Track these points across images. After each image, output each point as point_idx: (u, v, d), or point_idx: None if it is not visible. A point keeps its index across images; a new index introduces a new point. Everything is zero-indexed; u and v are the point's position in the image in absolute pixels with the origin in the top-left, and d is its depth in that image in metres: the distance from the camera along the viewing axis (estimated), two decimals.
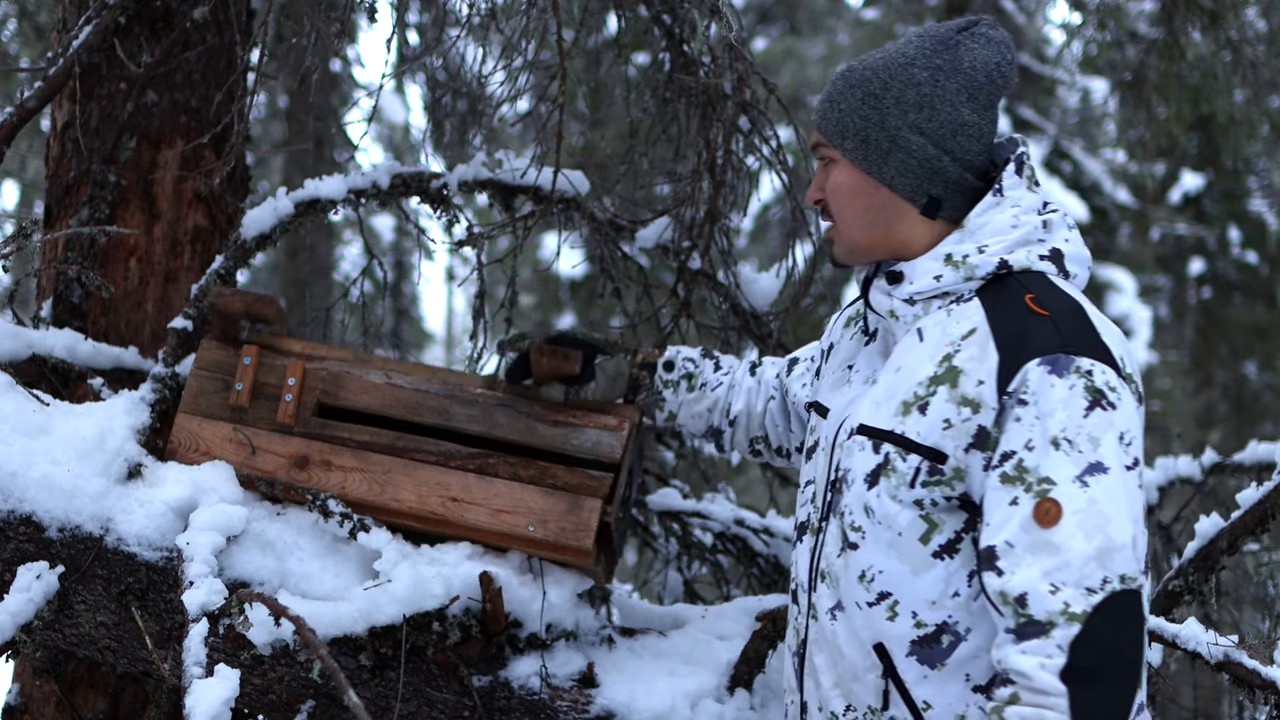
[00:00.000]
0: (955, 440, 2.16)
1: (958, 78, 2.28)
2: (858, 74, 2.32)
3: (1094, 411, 2.09)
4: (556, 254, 3.91)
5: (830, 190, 2.35)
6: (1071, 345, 2.12)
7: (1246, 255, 12.17)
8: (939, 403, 2.18)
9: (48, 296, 3.39)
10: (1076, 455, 2.08)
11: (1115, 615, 2.04)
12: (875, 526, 2.22)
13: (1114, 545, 2.06)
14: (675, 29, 3.68)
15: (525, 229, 3.46)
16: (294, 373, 2.92)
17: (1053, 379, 2.10)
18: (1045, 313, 2.17)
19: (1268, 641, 3.12)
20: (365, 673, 2.77)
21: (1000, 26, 2.36)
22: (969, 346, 2.19)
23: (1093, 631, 2.03)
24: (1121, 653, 2.05)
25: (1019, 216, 2.27)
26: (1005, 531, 2.09)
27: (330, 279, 9.63)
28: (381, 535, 2.82)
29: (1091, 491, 2.07)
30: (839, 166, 2.33)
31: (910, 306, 2.29)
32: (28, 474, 2.77)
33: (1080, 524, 2.05)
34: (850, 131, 2.30)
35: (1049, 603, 2.04)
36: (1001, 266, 2.24)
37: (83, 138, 3.40)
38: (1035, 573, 2.05)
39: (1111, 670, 2.04)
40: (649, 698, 2.83)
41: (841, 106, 2.31)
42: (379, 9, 3.70)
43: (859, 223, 2.33)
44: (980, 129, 2.29)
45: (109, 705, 3.20)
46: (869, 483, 2.23)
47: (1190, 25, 5.22)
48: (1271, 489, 3.12)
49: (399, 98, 9.50)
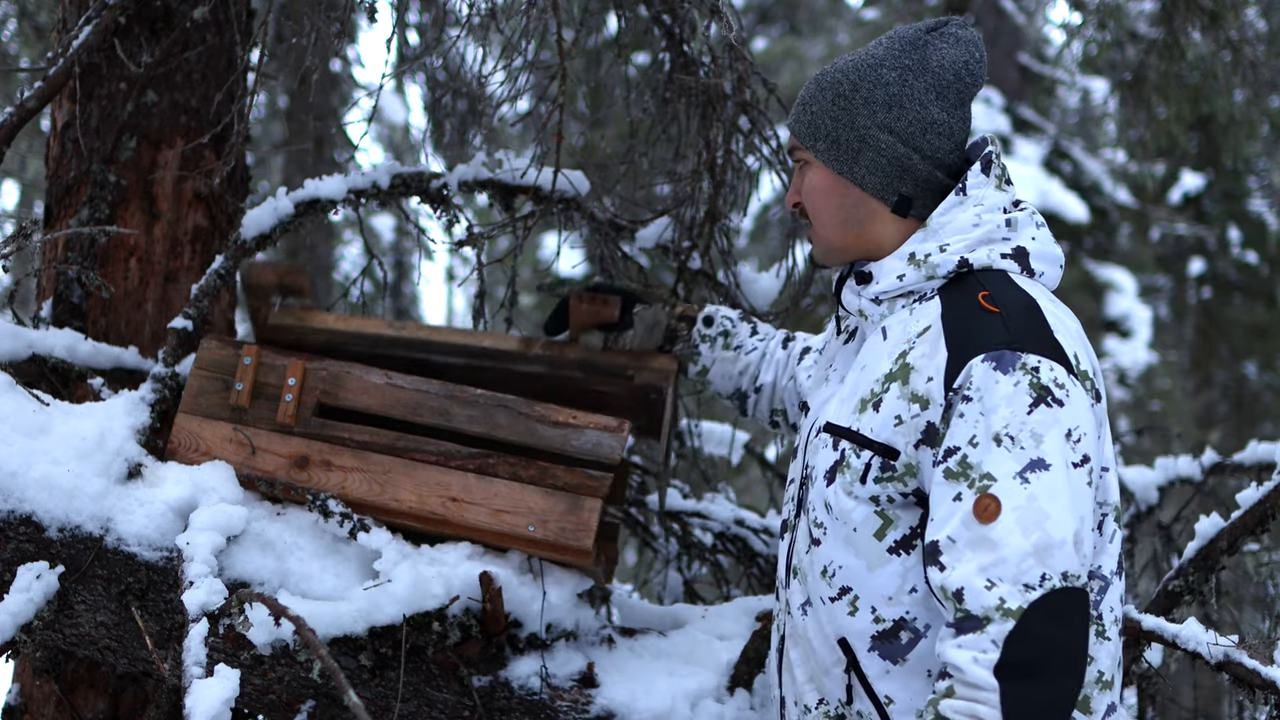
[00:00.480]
0: (906, 436, 2.19)
1: (926, 76, 2.31)
2: (829, 76, 2.36)
3: (1038, 408, 2.10)
4: (556, 254, 3.91)
5: (805, 192, 2.39)
6: (1018, 342, 2.14)
7: (1246, 255, 12.17)
8: (890, 399, 2.21)
9: (48, 296, 3.39)
10: (1018, 452, 2.09)
11: (1053, 612, 2.05)
12: (834, 522, 2.25)
13: (1052, 542, 2.06)
14: (675, 29, 3.68)
15: (525, 229, 3.46)
16: (294, 373, 2.92)
17: (997, 375, 2.12)
18: (996, 310, 2.19)
19: (1268, 641, 3.12)
20: (365, 673, 2.77)
21: (970, 26, 2.38)
22: (922, 344, 2.22)
23: (1028, 628, 2.04)
24: (1059, 650, 2.06)
25: (981, 215, 2.29)
26: (948, 527, 2.11)
27: (330, 279, 9.63)
28: (381, 535, 2.82)
29: (1032, 488, 2.08)
30: (812, 168, 2.37)
31: (877, 306, 2.33)
32: (28, 474, 2.77)
33: (1019, 520, 2.06)
34: (821, 133, 2.34)
35: (985, 598, 2.05)
36: (962, 265, 2.26)
37: (83, 138, 3.40)
38: (972, 568, 2.07)
39: (1048, 667, 2.04)
40: (649, 698, 2.83)
41: (813, 109, 2.35)
42: (379, 9, 3.69)
43: (833, 223, 2.37)
44: (950, 127, 2.32)
45: (109, 705, 3.20)
46: (828, 479, 2.27)
47: (1190, 25, 5.21)
48: (1271, 489, 3.12)
49: (399, 98, 9.49)
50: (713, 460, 4.31)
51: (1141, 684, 3.33)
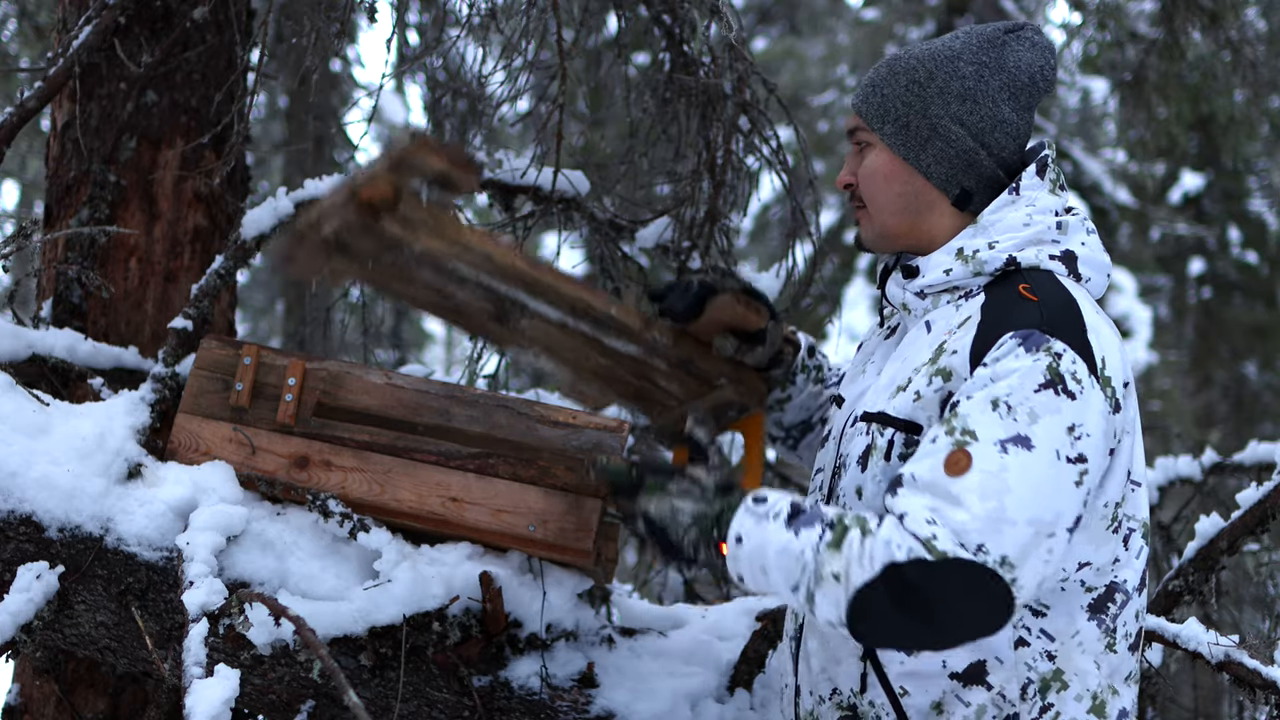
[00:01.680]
0: (926, 410, 2.19)
1: (1002, 75, 2.31)
2: (903, 62, 2.34)
3: (1046, 391, 2.09)
4: (556, 254, 3.91)
5: (864, 174, 2.36)
6: (1049, 327, 2.14)
7: (1246, 255, 12.17)
8: (918, 379, 2.22)
9: (48, 296, 3.39)
10: (1008, 422, 2.07)
11: (970, 583, 2.03)
12: (861, 509, 2.24)
13: (1005, 518, 2.03)
14: (675, 29, 3.68)
15: (525, 229, 3.46)
16: (294, 373, 2.92)
17: (1019, 350, 2.12)
18: (1035, 298, 2.19)
19: (1268, 641, 3.13)
20: (365, 673, 2.77)
21: (1043, 33, 2.38)
22: (960, 332, 2.22)
23: (938, 571, 2.02)
24: (941, 609, 2.04)
25: (1032, 215, 2.29)
26: (916, 464, 2.11)
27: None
28: (381, 535, 2.82)
29: (1006, 459, 2.06)
30: (875, 151, 2.35)
31: (921, 300, 2.33)
32: (28, 474, 2.77)
33: (981, 483, 2.05)
34: (891, 116, 2.32)
35: (921, 529, 2.04)
36: (1010, 263, 2.26)
37: (83, 138, 3.40)
38: (921, 503, 2.06)
39: (921, 610, 2.03)
40: (649, 698, 2.83)
41: (884, 91, 2.33)
42: (379, 9, 3.70)
43: (891, 208, 2.34)
44: (1018, 129, 2.33)
45: (109, 705, 3.20)
46: (861, 465, 2.27)
47: (1190, 25, 5.22)
48: (1271, 489, 3.12)
49: (399, 98, 9.49)
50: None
51: (1142, 684, 3.33)
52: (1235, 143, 6.00)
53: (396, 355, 10.16)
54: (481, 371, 3.68)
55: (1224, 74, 5.37)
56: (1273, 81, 5.53)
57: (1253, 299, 12.15)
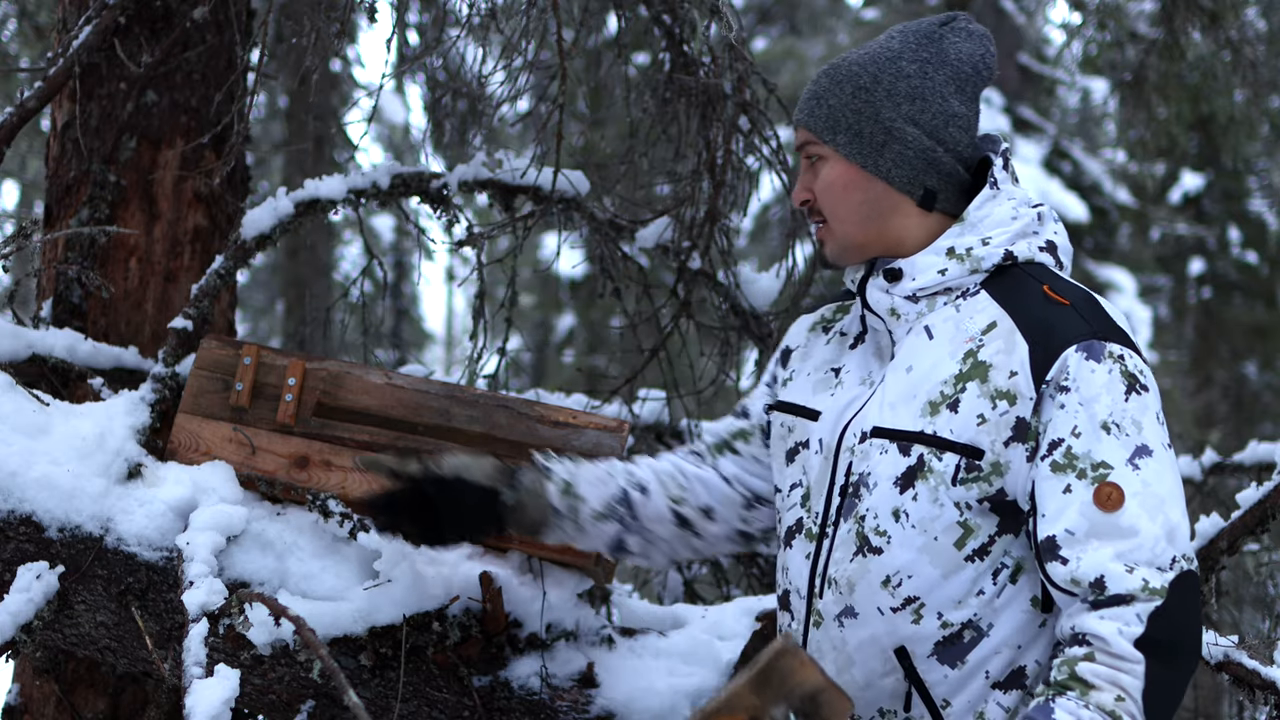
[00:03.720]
0: (991, 435, 2.15)
1: (945, 69, 2.29)
2: (844, 69, 2.31)
3: (1132, 395, 2.12)
4: (556, 254, 3.91)
5: (820, 188, 2.32)
6: (1101, 332, 2.15)
7: (1246, 255, 12.18)
8: (970, 399, 2.17)
9: (48, 296, 3.39)
10: (1125, 439, 2.10)
11: (1185, 594, 2.07)
12: (906, 530, 2.19)
13: (1174, 524, 2.09)
14: (675, 29, 3.68)
15: (525, 229, 3.46)
16: (294, 373, 2.92)
17: (1091, 365, 2.12)
18: (1066, 301, 2.18)
19: (1268, 641, 3.12)
20: (365, 673, 2.77)
21: (976, 20, 2.38)
22: (993, 340, 2.19)
23: (1171, 608, 2.05)
24: (1191, 631, 2.08)
25: (1017, 208, 2.28)
26: (1064, 520, 2.10)
27: (330, 279, 9.63)
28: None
29: (1144, 474, 2.09)
30: (829, 163, 2.31)
31: (914, 304, 2.28)
32: (28, 474, 2.77)
33: (1142, 505, 2.08)
34: (842, 125, 2.29)
35: (1128, 581, 2.05)
36: (1007, 258, 2.25)
37: (83, 138, 3.40)
38: (1107, 554, 2.07)
39: (1183, 648, 2.07)
40: (649, 698, 2.83)
41: (830, 101, 2.30)
42: (379, 9, 3.69)
43: (854, 218, 2.31)
44: (968, 120, 2.31)
45: (109, 705, 3.20)
46: (901, 486, 2.20)
47: (1190, 25, 5.22)
48: (1271, 489, 3.12)
49: (399, 98, 9.50)
50: None
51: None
52: (1235, 143, 6.00)
53: (396, 355, 10.17)
54: (481, 371, 3.68)
55: (1224, 74, 5.37)
56: (1273, 81, 5.53)
57: (1253, 299, 12.16)
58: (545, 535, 2.52)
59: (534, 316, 13.55)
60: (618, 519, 2.51)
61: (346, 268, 10.70)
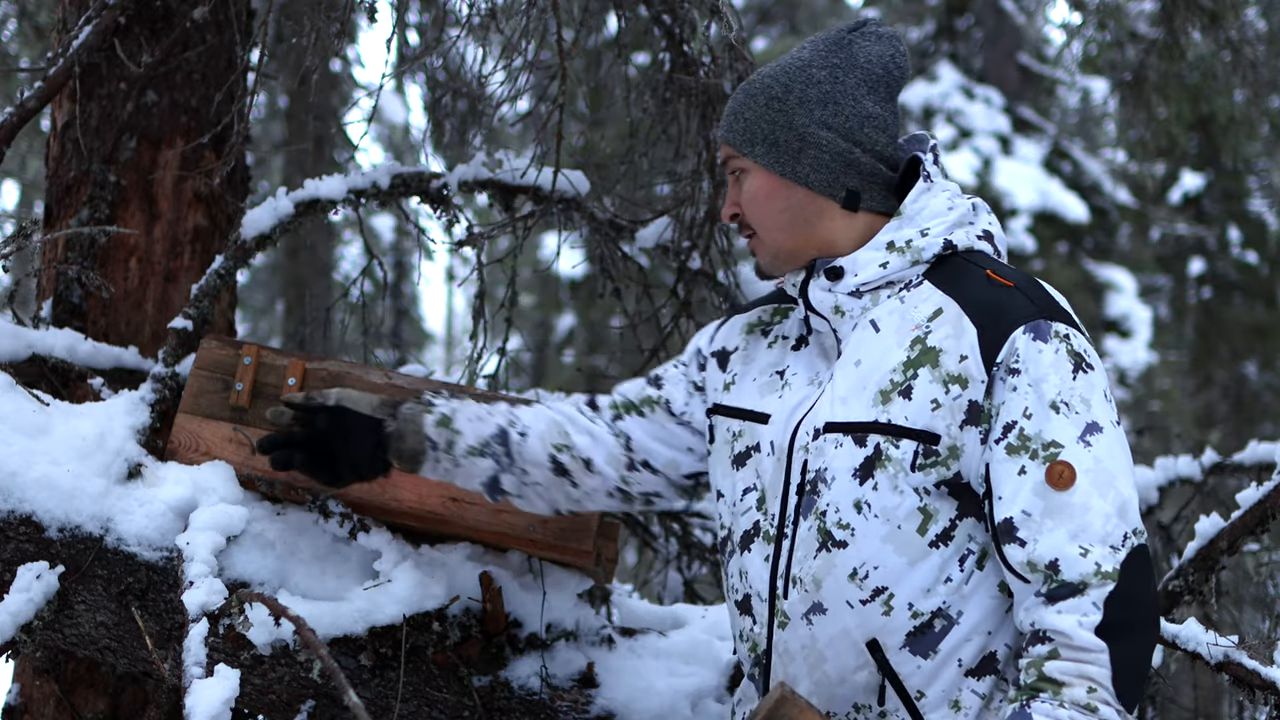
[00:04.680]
0: (946, 419, 2.18)
1: (855, 73, 2.34)
2: (758, 83, 2.37)
3: (1079, 374, 2.16)
4: (556, 254, 3.91)
5: (745, 201, 2.37)
6: (1046, 312, 2.19)
7: (1246, 255, 12.19)
8: (923, 384, 2.20)
9: (48, 296, 3.39)
10: (1074, 417, 2.14)
11: (1138, 569, 2.11)
12: (870, 521, 2.21)
13: (1125, 499, 2.12)
14: (675, 29, 3.68)
15: (525, 229, 3.46)
16: (294, 372, 2.92)
17: (1039, 345, 2.16)
18: (1010, 284, 2.23)
19: (1268, 641, 3.12)
20: (365, 673, 2.77)
21: (886, 23, 2.43)
22: (940, 326, 2.22)
23: (1124, 587, 2.09)
24: (1145, 605, 2.12)
25: (952, 199, 2.33)
26: (1020, 501, 2.13)
27: (330, 279, 9.64)
28: (381, 535, 2.82)
29: (1095, 450, 2.13)
30: (751, 175, 2.36)
31: (857, 299, 2.31)
32: (28, 474, 2.77)
33: (1093, 483, 2.11)
34: (759, 137, 2.34)
35: (1081, 565, 2.09)
36: (946, 247, 2.29)
37: (83, 138, 3.40)
38: (1061, 536, 2.10)
39: (1140, 623, 2.11)
40: (649, 698, 2.83)
41: (746, 115, 2.35)
42: (379, 9, 3.70)
43: (780, 226, 2.35)
44: (884, 120, 2.35)
45: (109, 705, 3.20)
46: (860, 477, 2.22)
47: (1190, 25, 5.22)
48: (1271, 489, 3.12)
49: (399, 98, 9.50)
50: None
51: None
52: (1235, 143, 6.01)
53: (396, 355, 10.17)
54: (481, 371, 3.68)
55: (1224, 74, 5.38)
56: (1273, 81, 5.53)
57: (1253, 299, 12.17)
58: (423, 467, 2.60)
59: (534, 316, 13.56)
60: (493, 456, 2.58)
61: (346, 268, 10.70)
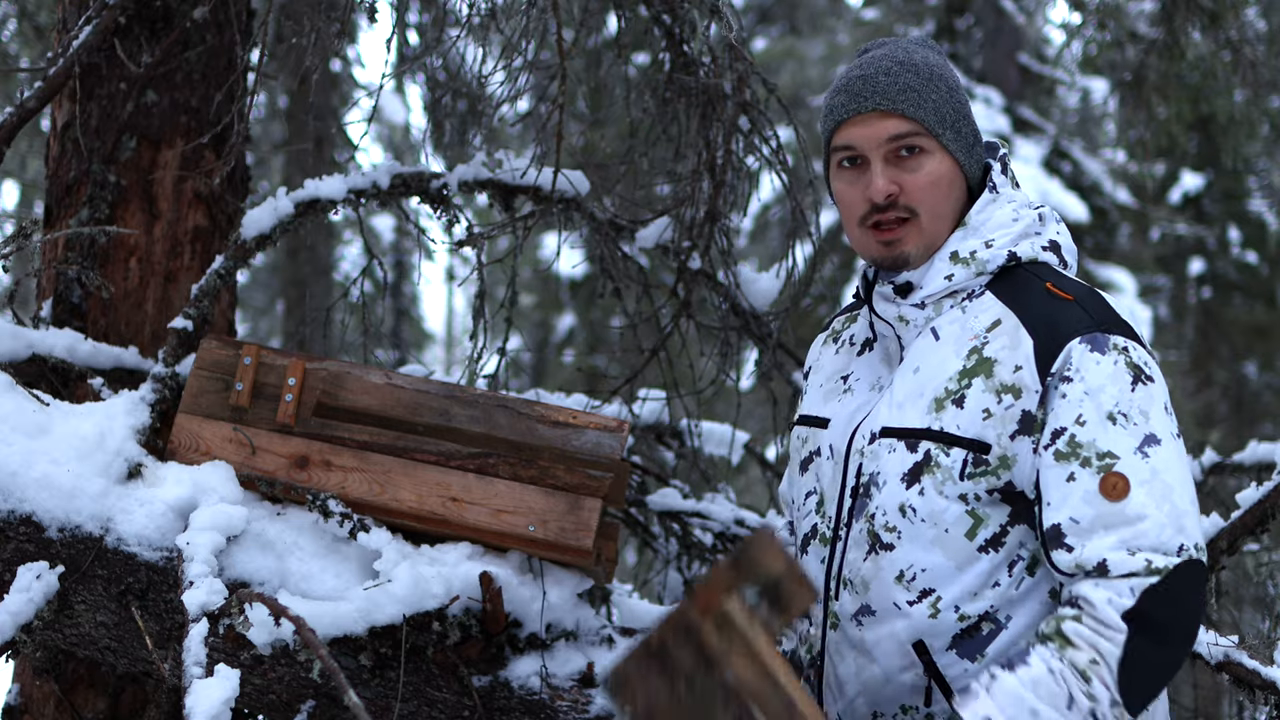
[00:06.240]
0: (998, 429, 2.17)
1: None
2: (924, 67, 2.28)
3: (1138, 385, 2.14)
4: (556, 254, 3.92)
5: (923, 183, 2.26)
6: (1104, 325, 2.17)
7: (1246, 255, 12.18)
8: (976, 394, 2.19)
9: (48, 296, 3.40)
10: (1133, 428, 2.12)
11: (1190, 581, 2.08)
12: (916, 525, 2.21)
13: (1182, 512, 2.10)
14: (675, 29, 3.68)
15: (525, 229, 3.46)
16: (294, 373, 2.92)
17: (1096, 356, 2.14)
18: (1070, 297, 2.20)
19: (1268, 641, 3.12)
20: (365, 673, 2.77)
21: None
22: (998, 337, 2.21)
23: (1169, 588, 2.06)
24: (1186, 619, 2.09)
25: (1018, 210, 2.31)
26: (1068, 508, 2.11)
27: (330, 279, 9.63)
28: (381, 535, 2.82)
29: (1153, 462, 2.11)
30: (934, 157, 2.26)
31: (921, 310, 2.30)
32: (28, 474, 2.77)
33: (1149, 494, 2.09)
34: (948, 121, 2.27)
35: (1130, 563, 2.07)
36: (1010, 258, 2.27)
37: (83, 138, 3.40)
38: (1111, 542, 2.08)
39: (1174, 633, 2.07)
40: None
41: (932, 97, 2.26)
42: (379, 9, 3.70)
43: (945, 214, 2.28)
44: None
45: (109, 705, 3.20)
46: (908, 481, 2.22)
47: (1190, 25, 5.22)
48: (1271, 489, 3.12)
49: (399, 98, 9.50)
50: (713, 460, 4.31)
51: None
52: (1235, 143, 6.01)
53: (396, 355, 10.17)
54: (481, 371, 3.68)
55: (1224, 74, 5.38)
56: (1273, 81, 5.53)
57: (1253, 299, 12.16)
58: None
59: (534, 316, 13.55)
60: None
61: (346, 268, 10.70)
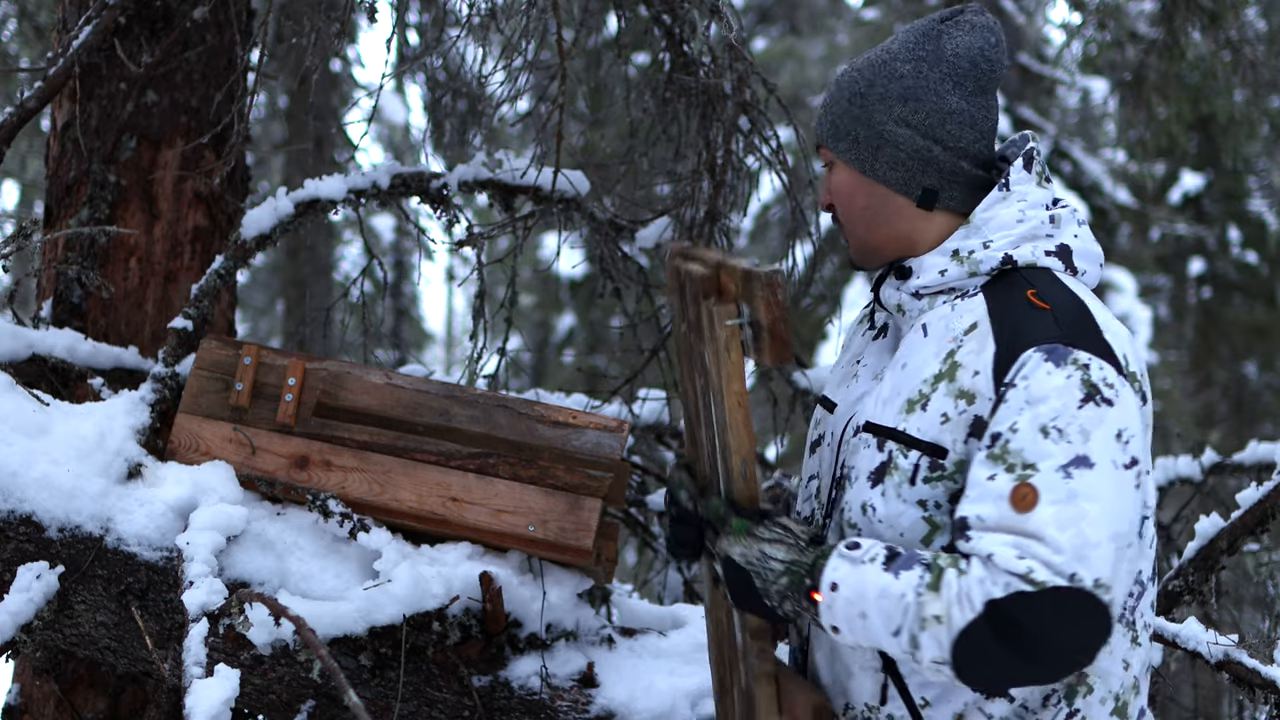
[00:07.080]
0: (953, 433, 2.14)
1: (941, 66, 2.27)
2: (846, 76, 2.34)
3: (1088, 405, 2.06)
4: (556, 254, 3.92)
5: (834, 193, 2.36)
6: (1070, 338, 2.10)
7: (1246, 255, 12.17)
8: (938, 398, 2.17)
9: (48, 296, 3.40)
10: (1064, 445, 2.04)
11: (1070, 609, 1.99)
12: (875, 525, 2.20)
13: (1088, 542, 2.01)
14: (675, 29, 3.68)
15: (525, 229, 3.47)
16: (294, 373, 2.92)
17: (1049, 367, 2.08)
18: (1046, 306, 2.16)
19: (1268, 641, 3.13)
20: (365, 673, 2.77)
21: (987, 12, 2.36)
22: (970, 341, 2.18)
23: (1039, 604, 1.98)
24: (1055, 643, 2.01)
25: (1025, 211, 2.26)
26: (980, 505, 2.06)
27: (330, 279, 9.63)
28: (381, 535, 2.82)
29: (1074, 484, 2.03)
30: (836, 169, 2.35)
31: (917, 301, 2.29)
32: (28, 474, 2.77)
33: (1056, 515, 2.01)
34: (841, 132, 2.32)
35: (1014, 564, 2.00)
36: (1006, 262, 2.23)
37: (83, 138, 3.40)
38: (1005, 541, 2.02)
39: (1038, 648, 2.00)
40: (649, 698, 2.83)
41: (834, 110, 2.33)
42: (379, 9, 3.70)
43: (860, 221, 2.34)
44: (971, 115, 2.28)
45: (109, 705, 3.20)
46: (872, 481, 2.21)
47: (1190, 25, 5.22)
48: (1271, 489, 3.12)
49: (399, 98, 9.50)
50: None
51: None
52: (1235, 143, 6.01)
53: (396, 355, 10.17)
54: (481, 371, 3.69)
55: (1224, 74, 5.38)
56: (1273, 81, 5.53)
57: (1253, 299, 12.16)
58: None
59: (534, 316, 13.55)
60: None
61: (346, 268, 10.70)
